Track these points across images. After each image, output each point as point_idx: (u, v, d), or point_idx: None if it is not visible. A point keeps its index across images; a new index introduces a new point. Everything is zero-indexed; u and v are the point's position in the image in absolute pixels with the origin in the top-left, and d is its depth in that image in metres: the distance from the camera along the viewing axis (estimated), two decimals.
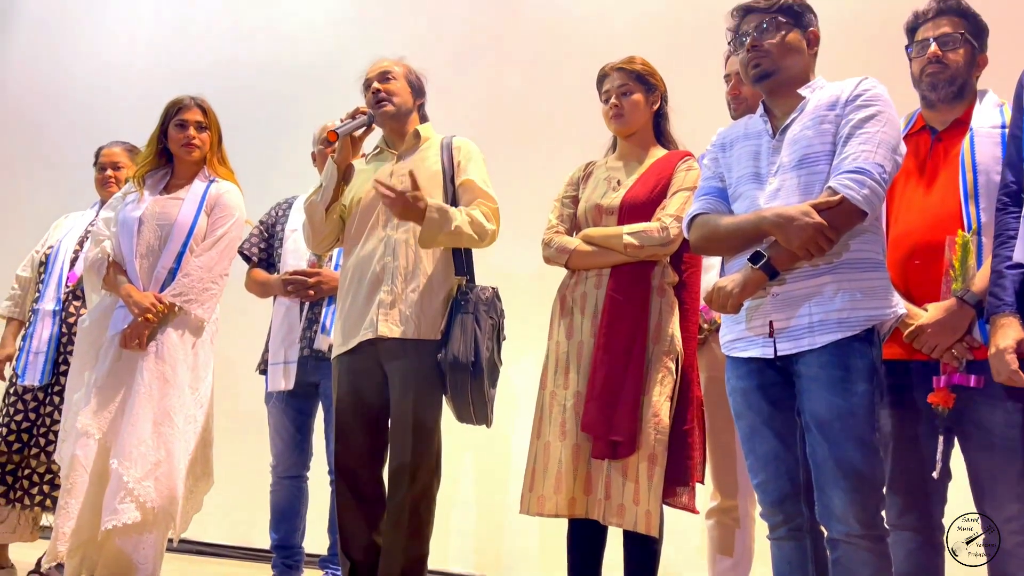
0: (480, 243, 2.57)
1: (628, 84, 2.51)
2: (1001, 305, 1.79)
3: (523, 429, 2.49)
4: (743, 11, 2.07)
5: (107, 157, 3.50)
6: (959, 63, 2.12)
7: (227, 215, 2.96)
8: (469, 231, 2.49)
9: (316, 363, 2.96)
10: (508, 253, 3.13)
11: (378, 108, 2.64)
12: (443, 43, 4.34)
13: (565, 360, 2.42)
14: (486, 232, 2.54)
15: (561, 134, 3.90)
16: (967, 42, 2.13)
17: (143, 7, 5.22)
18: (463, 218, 2.50)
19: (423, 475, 2.48)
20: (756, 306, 1.95)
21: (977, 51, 2.15)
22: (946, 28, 2.13)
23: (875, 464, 1.84)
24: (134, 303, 2.80)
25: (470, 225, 2.50)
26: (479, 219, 2.52)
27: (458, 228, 2.47)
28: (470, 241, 2.54)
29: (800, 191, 1.92)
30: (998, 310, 1.79)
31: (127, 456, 2.65)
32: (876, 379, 1.87)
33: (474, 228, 2.51)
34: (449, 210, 2.49)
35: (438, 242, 2.51)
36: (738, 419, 2.03)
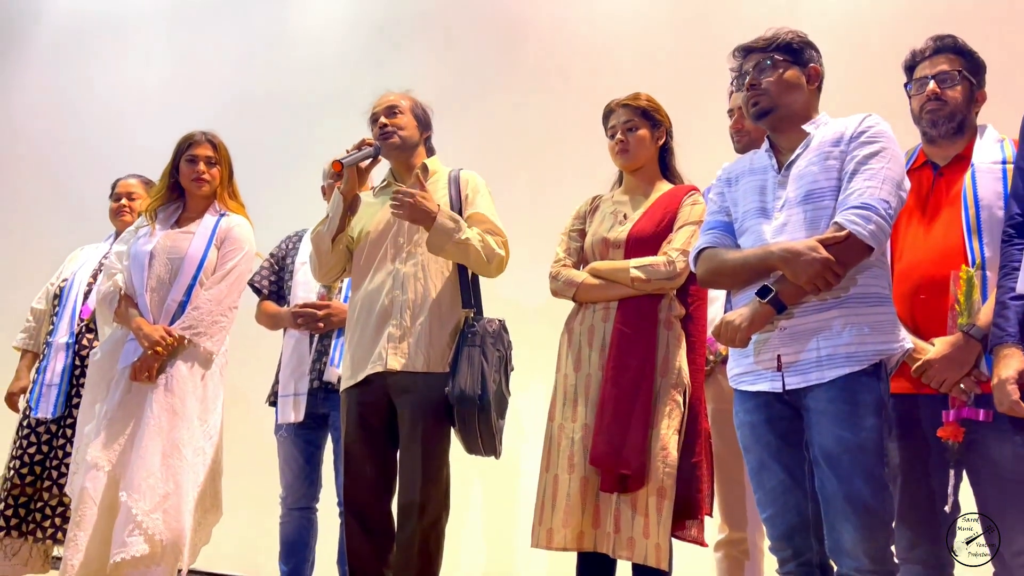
0: (487, 266, 2.57)
1: (633, 120, 2.55)
2: (1004, 336, 1.80)
3: (532, 459, 2.50)
4: (744, 51, 2.11)
5: (123, 188, 3.55)
6: (958, 100, 2.15)
7: (237, 248, 2.99)
8: (478, 247, 2.51)
9: (325, 395, 2.97)
10: (517, 284, 3.15)
11: (384, 141, 2.67)
12: (452, 76, 4.39)
13: (573, 393, 2.43)
14: (494, 255, 2.55)
15: (568, 166, 3.93)
16: (965, 79, 2.16)
17: (156, 42, 5.28)
18: (474, 234, 2.51)
19: (432, 509, 2.49)
20: (764, 340, 1.96)
21: (975, 87, 2.18)
22: (943, 66, 2.17)
23: (884, 499, 1.85)
24: (144, 336, 2.82)
25: (480, 243, 2.52)
26: (490, 242, 2.54)
27: (467, 240, 2.49)
28: (477, 260, 2.54)
29: (806, 226, 1.94)
30: (1001, 341, 1.81)
31: (136, 488, 2.66)
32: (884, 413, 1.88)
33: (483, 247, 2.52)
34: (461, 221, 2.51)
35: (446, 251, 2.51)
36: (746, 453, 2.04)
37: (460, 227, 2.50)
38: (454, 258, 2.56)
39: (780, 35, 2.08)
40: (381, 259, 2.63)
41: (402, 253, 2.60)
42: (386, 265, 2.61)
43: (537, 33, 4.42)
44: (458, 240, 2.48)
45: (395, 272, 2.60)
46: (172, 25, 5.27)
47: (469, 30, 4.56)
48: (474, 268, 2.60)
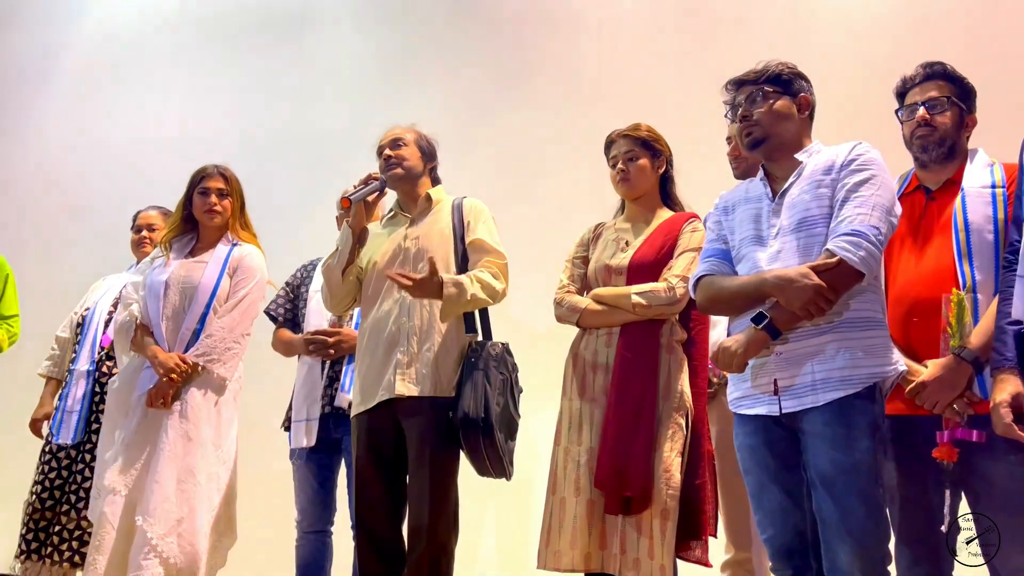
0: (492, 303, 2.66)
1: (634, 150, 2.61)
2: (1001, 360, 1.83)
3: (542, 480, 2.54)
4: (736, 84, 2.17)
5: (143, 220, 3.65)
6: (947, 125, 2.20)
7: (248, 277, 3.05)
8: (483, 296, 2.58)
9: (337, 420, 3.01)
10: (526, 308, 3.20)
11: (388, 172, 2.75)
12: (462, 107, 4.47)
13: (578, 417, 2.48)
14: (496, 292, 2.63)
15: (574, 194, 4.00)
16: (954, 105, 2.20)
17: (178, 76, 5.37)
18: (475, 286, 2.57)
19: (440, 532, 2.53)
20: (761, 365, 2.01)
21: (965, 112, 2.22)
22: (933, 92, 2.22)
23: (879, 519, 1.89)
24: (159, 364, 2.88)
25: (483, 290, 2.58)
26: (489, 281, 2.61)
27: (473, 296, 2.56)
28: (484, 304, 2.63)
29: (799, 253, 1.99)
30: (999, 365, 1.83)
31: (151, 513, 2.71)
32: (878, 435, 1.92)
33: (486, 292, 2.59)
34: (463, 281, 2.57)
35: (456, 314, 2.60)
36: (746, 475, 2.08)
37: (464, 290, 2.56)
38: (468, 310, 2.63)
39: (770, 67, 2.14)
40: (388, 287, 2.69)
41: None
42: (393, 293, 2.68)
43: (544, 65, 4.50)
44: (465, 302, 2.56)
45: (401, 300, 2.66)
46: (189, 61, 5.38)
47: (478, 62, 4.64)
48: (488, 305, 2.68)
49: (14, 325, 3.69)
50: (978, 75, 2.31)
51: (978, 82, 2.28)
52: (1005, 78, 3.02)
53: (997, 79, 2.33)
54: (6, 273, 3.71)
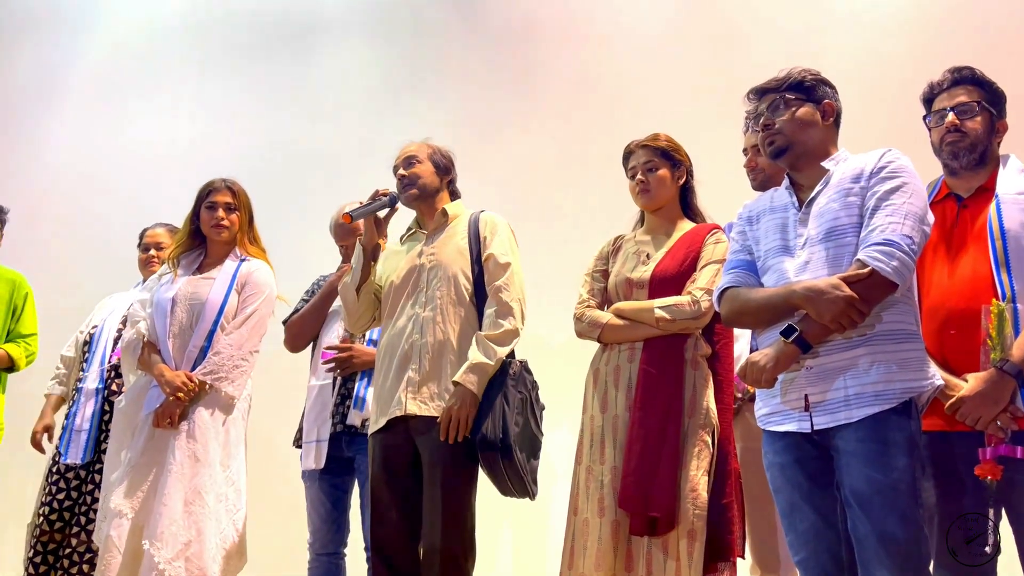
0: (511, 347, 2.57)
1: (653, 160, 2.55)
2: None
3: (560, 499, 2.49)
4: (758, 92, 2.12)
5: (150, 238, 3.60)
6: (978, 131, 2.14)
7: (257, 292, 3.01)
8: (500, 356, 2.51)
9: (350, 439, 2.96)
10: (543, 323, 3.16)
11: (404, 192, 2.71)
12: (473, 120, 4.45)
13: (600, 435, 2.42)
14: (505, 341, 2.53)
15: (592, 206, 3.96)
16: (984, 110, 2.15)
17: (185, 92, 5.37)
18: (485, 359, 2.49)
19: (454, 553, 2.47)
20: (790, 380, 1.94)
21: (996, 118, 2.17)
22: (962, 97, 2.16)
23: (920, 540, 1.81)
24: (166, 382, 2.84)
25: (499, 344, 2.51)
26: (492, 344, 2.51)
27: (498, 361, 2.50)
28: (508, 346, 2.55)
29: (829, 264, 1.93)
30: None
31: (158, 536, 2.66)
32: (916, 452, 1.85)
33: (502, 340, 2.52)
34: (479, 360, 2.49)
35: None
36: (777, 494, 2.01)
37: (484, 369, 2.49)
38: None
39: (792, 74, 2.09)
40: (403, 305, 2.65)
41: (421, 298, 2.62)
42: (407, 310, 2.63)
43: (557, 75, 4.48)
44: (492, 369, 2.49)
45: (415, 317, 2.61)
46: (198, 77, 5.38)
47: (488, 74, 4.63)
48: None
49: (32, 344, 3.64)
50: (999, 80, 2.25)
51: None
52: None
53: (1017, 83, 2.26)
54: (25, 291, 3.67)
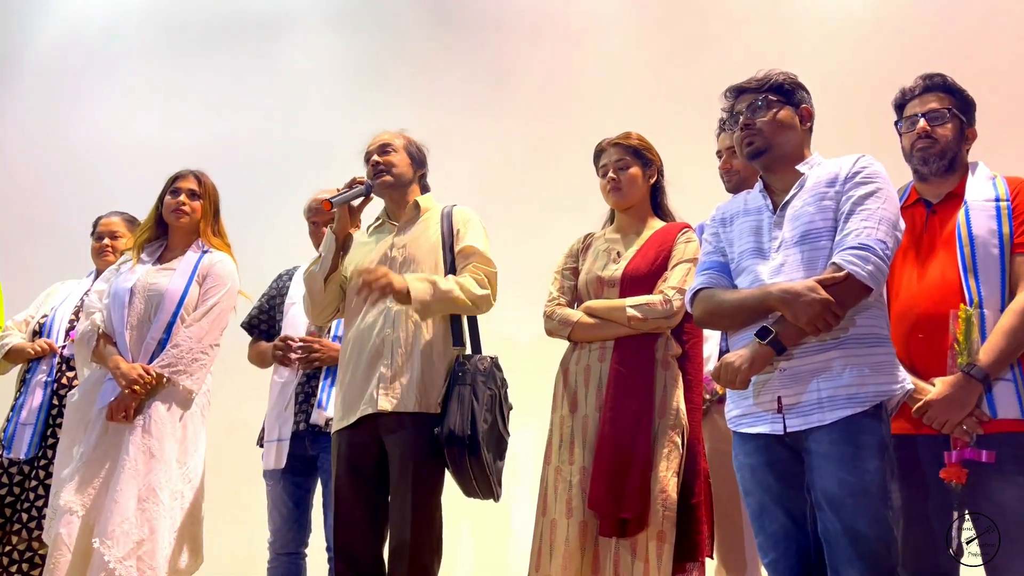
0: (476, 309, 2.56)
1: (625, 159, 2.55)
2: None
3: (524, 500, 2.47)
4: (736, 91, 2.12)
5: (105, 227, 3.49)
6: (948, 137, 2.17)
7: (219, 285, 2.94)
8: (460, 295, 2.48)
9: (313, 437, 2.90)
10: (510, 321, 3.13)
11: (377, 179, 2.66)
12: (441, 114, 4.39)
13: (570, 435, 2.40)
14: (477, 297, 2.52)
15: (560, 203, 3.95)
16: (955, 117, 2.18)
17: (141, 81, 5.26)
18: (451, 284, 2.49)
19: (423, 554, 2.43)
20: (764, 382, 1.95)
21: (965, 125, 2.20)
22: (933, 104, 2.19)
23: (889, 542, 1.83)
24: (121, 374, 2.76)
25: (460, 290, 2.49)
26: (468, 286, 2.52)
27: (448, 292, 2.47)
28: (466, 307, 2.52)
29: (804, 266, 1.94)
30: None
31: (109, 535, 2.58)
32: (887, 455, 1.87)
33: (465, 294, 2.50)
34: (434, 277, 2.49)
35: (433, 310, 2.49)
36: (747, 496, 2.02)
37: (435, 284, 2.48)
38: (443, 312, 2.53)
39: (772, 76, 2.10)
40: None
41: None
42: (378, 304, 2.58)
43: (525, 73, 4.47)
44: (440, 298, 2.46)
45: (387, 311, 2.56)
46: (158, 64, 5.26)
47: (460, 69, 4.59)
48: (467, 312, 2.58)
49: None
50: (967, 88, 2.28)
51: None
52: (992, 89, 3.02)
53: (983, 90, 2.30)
54: None
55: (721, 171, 2.67)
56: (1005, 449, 1.93)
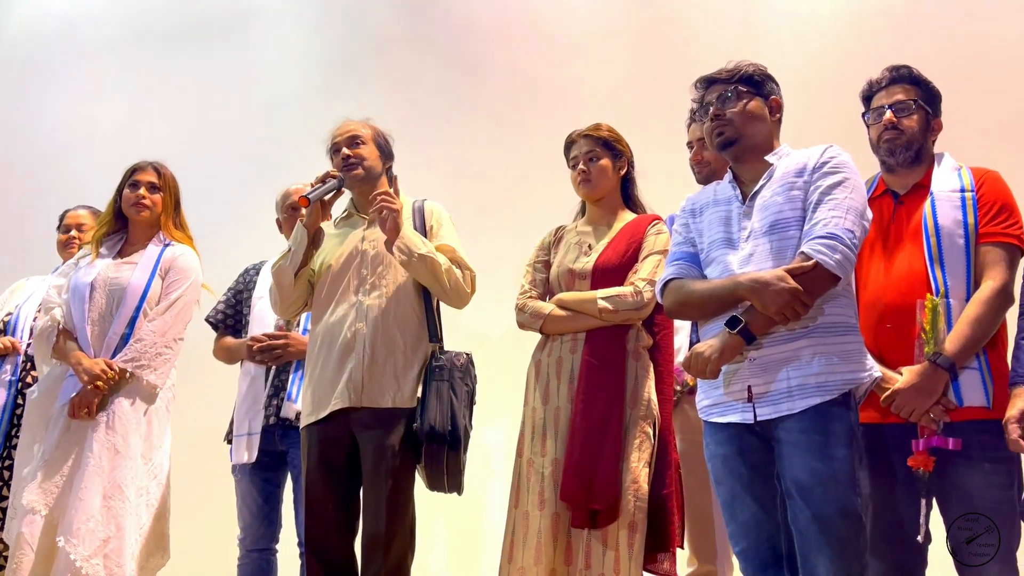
0: (451, 296, 2.53)
1: (595, 150, 2.55)
2: (1015, 377, 1.81)
3: (496, 493, 2.46)
4: (707, 82, 2.13)
5: (71, 219, 3.45)
6: (914, 128, 2.19)
7: (182, 278, 2.90)
8: (444, 273, 2.47)
9: (283, 432, 2.87)
10: (481, 314, 3.12)
11: (347, 172, 2.62)
12: (413, 108, 4.37)
13: (542, 427, 2.40)
14: (459, 285, 2.51)
15: (531, 196, 3.94)
16: (921, 108, 2.20)
17: (108, 72, 5.17)
18: (444, 259, 2.48)
19: (397, 547, 2.42)
20: (734, 371, 1.95)
21: (931, 116, 2.22)
22: (900, 95, 2.21)
23: (859, 529, 1.84)
24: (83, 370, 2.72)
25: (447, 270, 2.47)
26: (456, 274, 2.51)
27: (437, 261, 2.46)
28: (443, 288, 2.50)
29: (773, 256, 1.95)
30: (1015, 381, 1.82)
31: (74, 533, 2.55)
32: (855, 443, 1.88)
33: (449, 276, 2.49)
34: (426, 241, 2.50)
35: (415, 266, 2.46)
36: (718, 485, 2.02)
37: (429, 247, 2.48)
38: (419, 275, 2.50)
39: (742, 67, 2.10)
40: (343, 291, 2.57)
41: (365, 285, 2.55)
42: (348, 297, 2.55)
43: (495, 71, 4.45)
44: (424, 255, 2.44)
45: (358, 304, 2.53)
46: (125, 56, 5.17)
47: (430, 63, 4.57)
48: (439, 293, 2.55)
49: None
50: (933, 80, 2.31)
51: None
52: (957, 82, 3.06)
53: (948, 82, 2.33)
54: None
55: (692, 162, 2.68)
56: (971, 436, 1.96)
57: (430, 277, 2.49)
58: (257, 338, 2.90)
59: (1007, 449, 1.79)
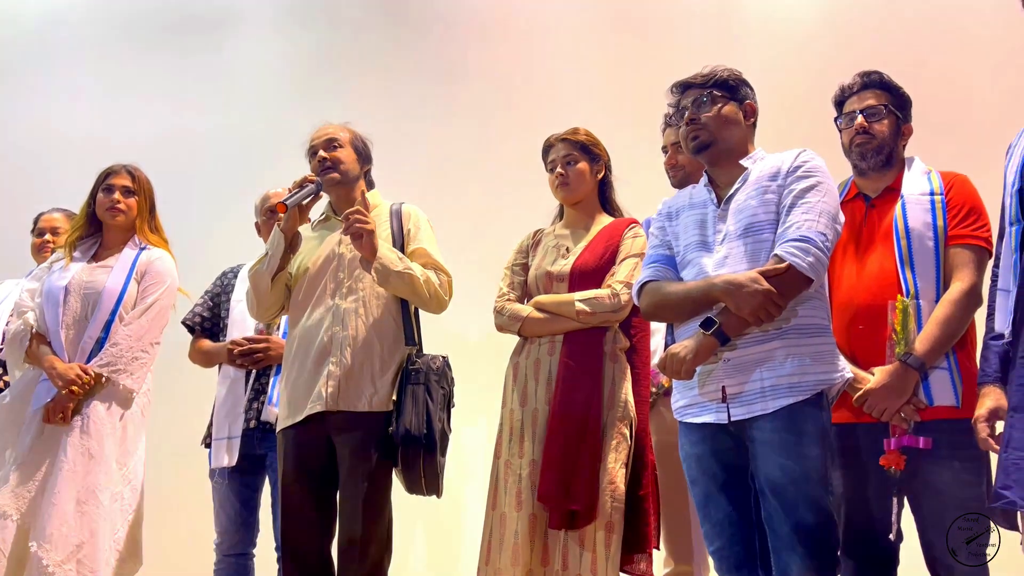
0: (429, 305, 2.54)
1: (573, 154, 2.56)
2: (983, 376, 1.84)
3: (474, 496, 2.46)
4: (682, 87, 2.15)
5: (46, 222, 3.42)
6: (885, 133, 2.23)
7: (158, 282, 2.89)
8: (422, 283, 2.47)
9: (263, 435, 2.86)
10: (459, 317, 3.12)
11: (324, 175, 2.61)
12: (391, 111, 4.37)
13: (520, 428, 2.41)
14: (436, 293, 2.51)
15: (509, 200, 3.96)
16: (891, 113, 2.24)
17: (83, 75, 5.11)
18: (419, 269, 2.48)
19: (374, 551, 2.41)
20: (708, 372, 1.97)
21: (901, 121, 2.26)
22: (871, 100, 2.25)
23: (830, 528, 1.87)
24: (58, 375, 2.70)
25: (424, 278, 2.48)
26: (432, 280, 2.51)
27: (412, 273, 2.45)
28: (421, 297, 2.50)
29: (747, 258, 1.97)
30: (982, 381, 1.84)
31: (47, 538, 2.53)
32: (827, 442, 1.91)
33: (427, 285, 2.49)
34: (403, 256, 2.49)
35: (391, 283, 2.46)
36: (693, 485, 2.04)
37: (404, 260, 2.48)
38: (397, 291, 2.50)
39: (717, 72, 2.13)
40: (320, 295, 2.56)
41: (342, 288, 2.54)
42: (325, 301, 2.55)
43: (472, 70, 4.47)
44: (401, 271, 2.44)
45: (335, 308, 2.53)
46: (101, 59, 5.11)
47: (408, 67, 4.57)
48: (418, 303, 2.56)
49: None
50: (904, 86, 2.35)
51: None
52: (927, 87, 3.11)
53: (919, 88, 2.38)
54: None
55: (666, 166, 2.70)
56: (941, 435, 1.99)
57: (408, 291, 2.49)
58: (237, 342, 2.89)
59: (976, 447, 1.82)
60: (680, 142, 2.38)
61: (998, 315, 1.79)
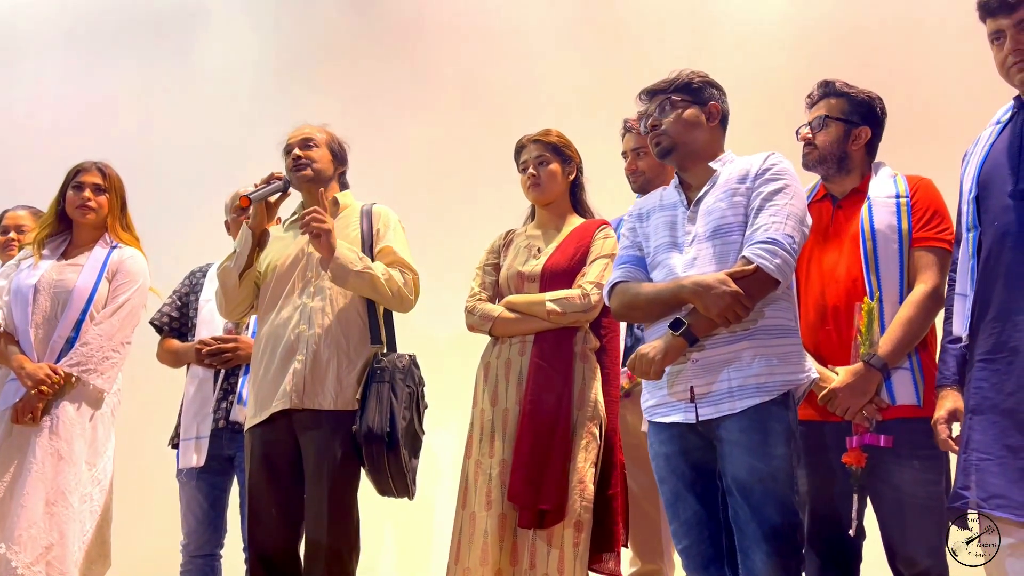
0: (393, 303, 2.54)
1: (545, 155, 2.58)
2: (942, 379, 1.87)
3: (445, 497, 2.47)
4: (648, 94, 2.17)
5: (11, 220, 3.37)
6: (827, 142, 2.24)
7: (130, 281, 2.87)
8: (383, 283, 2.47)
9: (231, 435, 2.84)
10: (430, 317, 3.13)
11: (296, 172, 2.61)
12: (362, 110, 4.36)
13: (490, 428, 2.41)
14: (400, 292, 2.51)
15: (480, 200, 3.96)
16: (836, 121, 2.24)
17: (50, 70, 5.07)
18: (380, 268, 2.48)
19: (340, 550, 2.41)
20: (677, 372, 1.99)
21: (852, 126, 2.25)
22: (820, 111, 2.27)
23: (796, 526, 1.90)
24: (27, 375, 2.68)
25: (386, 278, 2.47)
26: (395, 278, 2.51)
27: (372, 273, 2.45)
28: (384, 296, 2.50)
29: (716, 260, 1.99)
30: (940, 384, 1.87)
31: (16, 540, 2.51)
32: (793, 442, 1.94)
33: (389, 284, 2.48)
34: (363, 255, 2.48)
35: (350, 283, 2.46)
36: (661, 484, 2.06)
37: (364, 260, 2.48)
38: (358, 290, 2.50)
39: (680, 76, 2.14)
40: (288, 293, 2.56)
41: (310, 287, 2.54)
42: (293, 299, 2.54)
43: (450, 69, 4.46)
44: (360, 271, 2.44)
45: (302, 307, 2.53)
46: (69, 55, 5.07)
47: (379, 67, 4.55)
48: (382, 302, 2.56)
49: None
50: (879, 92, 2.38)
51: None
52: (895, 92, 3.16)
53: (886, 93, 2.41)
54: None
55: (627, 172, 2.72)
56: (902, 434, 2.02)
57: (369, 290, 2.49)
58: (206, 341, 2.88)
59: (936, 447, 1.86)
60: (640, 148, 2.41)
61: (956, 319, 1.83)
